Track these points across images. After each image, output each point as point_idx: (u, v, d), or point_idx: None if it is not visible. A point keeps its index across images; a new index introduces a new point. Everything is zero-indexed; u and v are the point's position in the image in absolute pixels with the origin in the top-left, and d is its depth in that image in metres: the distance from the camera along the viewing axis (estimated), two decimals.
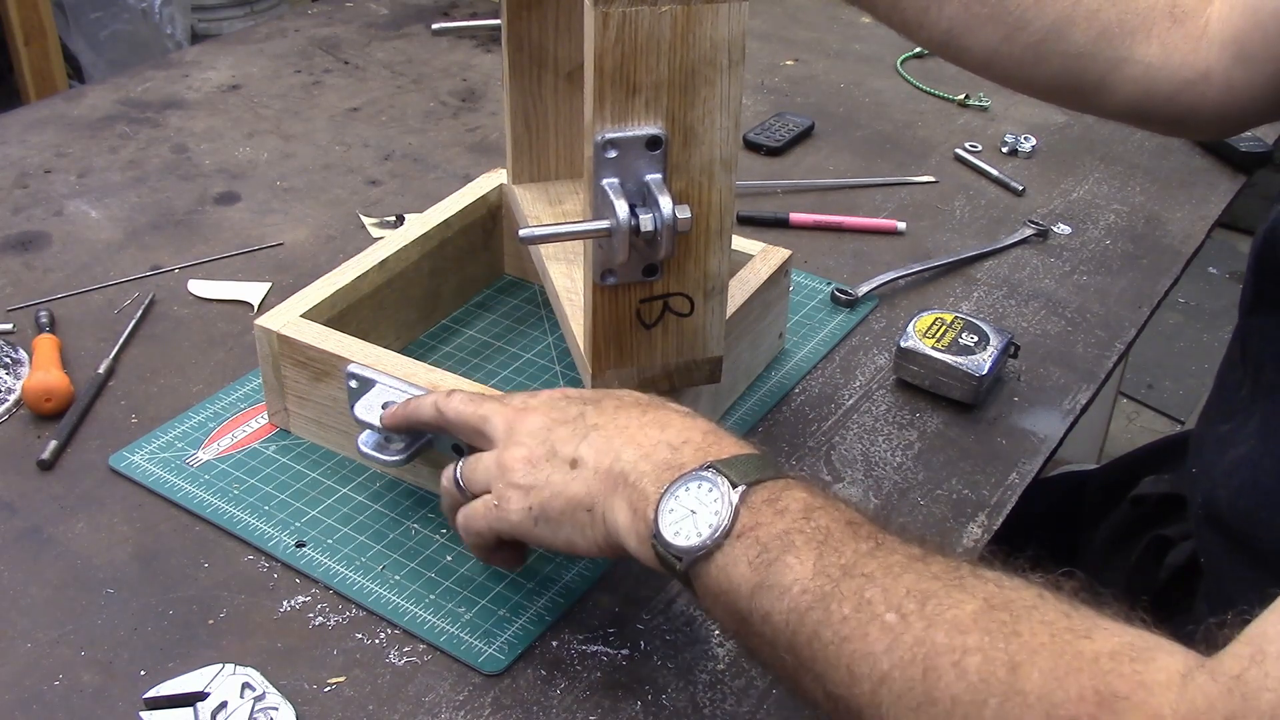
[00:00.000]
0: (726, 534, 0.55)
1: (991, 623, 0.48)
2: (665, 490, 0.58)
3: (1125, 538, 0.98)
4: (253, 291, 1.02)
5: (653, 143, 0.67)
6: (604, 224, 0.68)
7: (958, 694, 0.47)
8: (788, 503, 0.56)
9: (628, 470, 0.60)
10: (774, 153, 1.28)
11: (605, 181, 0.68)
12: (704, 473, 0.58)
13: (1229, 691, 0.43)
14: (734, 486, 0.56)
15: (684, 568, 0.57)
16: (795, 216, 1.14)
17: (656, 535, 0.57)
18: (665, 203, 0.67)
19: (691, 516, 0.57)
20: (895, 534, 0.55)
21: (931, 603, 0.50)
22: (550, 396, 0.68)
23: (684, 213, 0.67)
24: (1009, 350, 0.92)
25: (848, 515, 0.56)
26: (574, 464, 0.63)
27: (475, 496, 0.67)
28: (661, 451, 0.61)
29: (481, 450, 0.68)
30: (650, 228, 0.67)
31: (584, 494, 0.62)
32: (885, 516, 0.58)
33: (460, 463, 0.68)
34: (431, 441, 0.76)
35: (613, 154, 0.67)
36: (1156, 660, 0.46)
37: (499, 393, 0.73)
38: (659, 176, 0.68)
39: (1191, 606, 0.84)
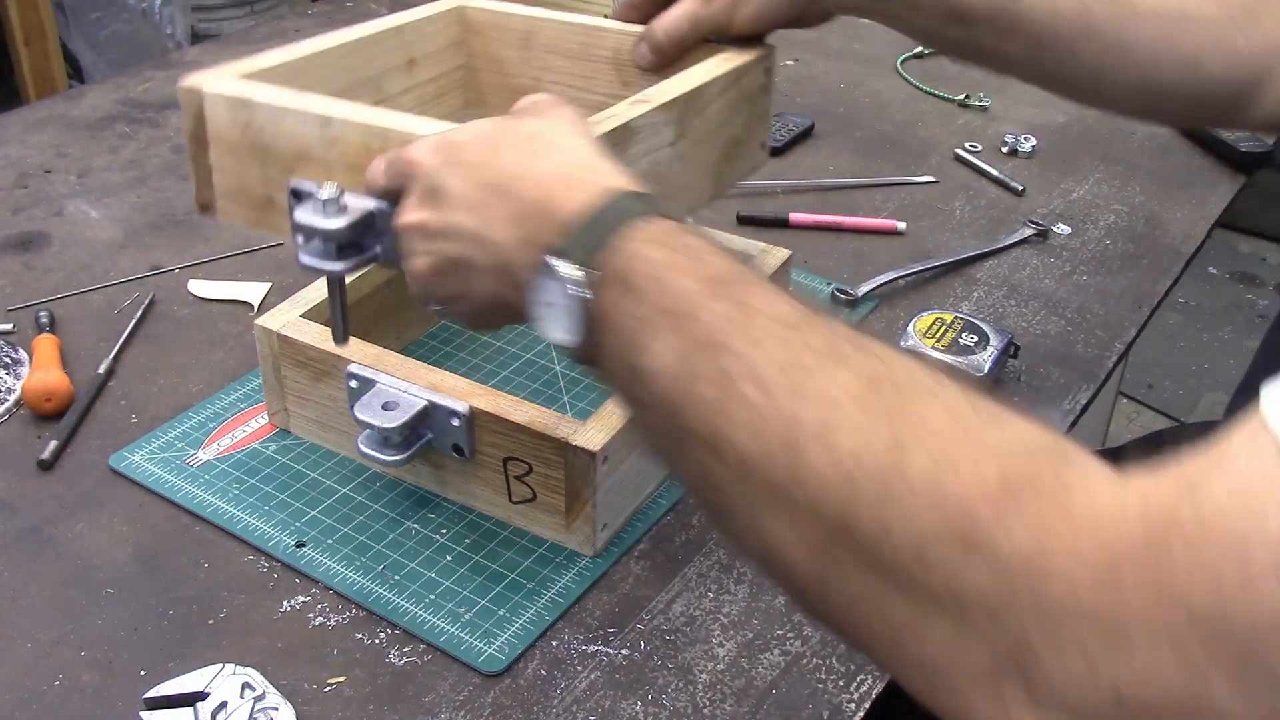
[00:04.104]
0: (585, 331, 0.52)
1: (874, 401, 0.43)
2: (532, 281, 0.54)
3: None
4: (253, 291, 1.02)
5: None
6: None
7: (825, 476, 0.42)
8: (641, 273, 0.50)
9: (509, 258, 0.57)
10: (774, 153, 1.28)
11: None
12: (550, 263, 0.53)
13: (1178, 486, 0.37)
14: (578, 271, 0.52)
15: (575, 358, 0.54)
16: (795, 216, 1.14)
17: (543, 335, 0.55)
18: None
19: (552, 309, 0.53)
20: (765, 293, 0.49)
21: (800, 374, 0.44)
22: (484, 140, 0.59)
23: None
24: (1009, 350, 0.92)
25: (711, 268, 0.50)
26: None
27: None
28: (527, 230, 0.55)
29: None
30: None
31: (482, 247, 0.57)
32: (759, 268, 0.51)
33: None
34: (431, 441, 0.76)
35: None
36: (1079, 460, 0.40)
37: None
38: None
39: None
